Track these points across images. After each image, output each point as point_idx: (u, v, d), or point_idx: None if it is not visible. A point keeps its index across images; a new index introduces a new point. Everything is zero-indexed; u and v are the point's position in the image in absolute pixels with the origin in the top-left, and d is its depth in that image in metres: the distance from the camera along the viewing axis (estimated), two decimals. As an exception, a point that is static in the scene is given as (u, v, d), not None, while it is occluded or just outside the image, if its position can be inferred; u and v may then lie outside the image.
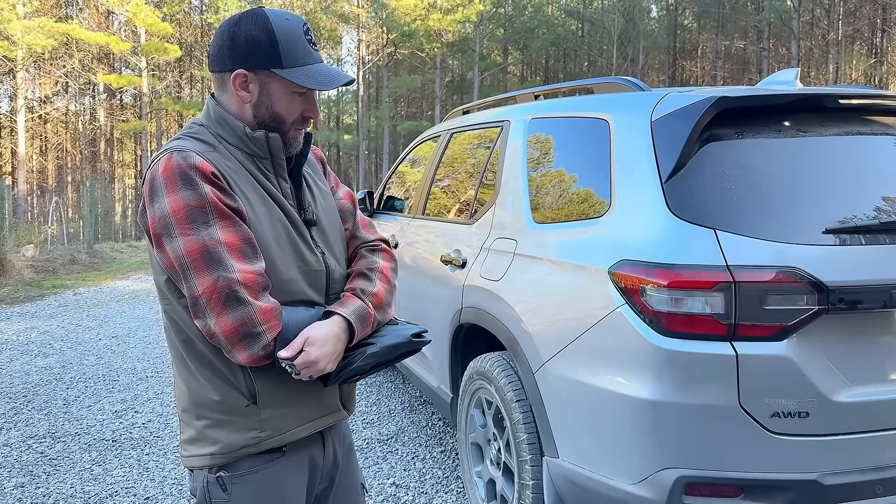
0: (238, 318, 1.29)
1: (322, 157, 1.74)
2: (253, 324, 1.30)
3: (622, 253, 2.14)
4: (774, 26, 31.49)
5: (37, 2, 27.04)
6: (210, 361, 1.40)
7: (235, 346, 1.31)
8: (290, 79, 1.41)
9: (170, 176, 1.31)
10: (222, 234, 1.30)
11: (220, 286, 1.28)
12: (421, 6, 31.97)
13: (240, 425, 1.40)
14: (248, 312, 1.30)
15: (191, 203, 1.30)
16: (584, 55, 41.39)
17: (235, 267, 1.30)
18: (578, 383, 2.25)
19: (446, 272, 3.32)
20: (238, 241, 1.32)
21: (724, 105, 2.14)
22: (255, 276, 1.32)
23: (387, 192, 5.08)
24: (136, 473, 3.69)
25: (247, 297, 1.30)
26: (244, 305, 1.29)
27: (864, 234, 2.05)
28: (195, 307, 1.32)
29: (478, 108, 4.17)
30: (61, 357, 6.29)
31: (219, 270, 1.29)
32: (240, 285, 1.29)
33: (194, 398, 1.43)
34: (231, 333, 1.30)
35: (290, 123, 1.47)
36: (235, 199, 1.36)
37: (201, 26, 36.74)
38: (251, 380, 1.40)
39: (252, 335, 1.30)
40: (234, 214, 1.34)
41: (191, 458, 1.44)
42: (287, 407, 1.44)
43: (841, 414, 1.96)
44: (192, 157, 1.33)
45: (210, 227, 1.30)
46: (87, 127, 35.89)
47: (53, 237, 17.51)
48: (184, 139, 1.42)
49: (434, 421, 4.41)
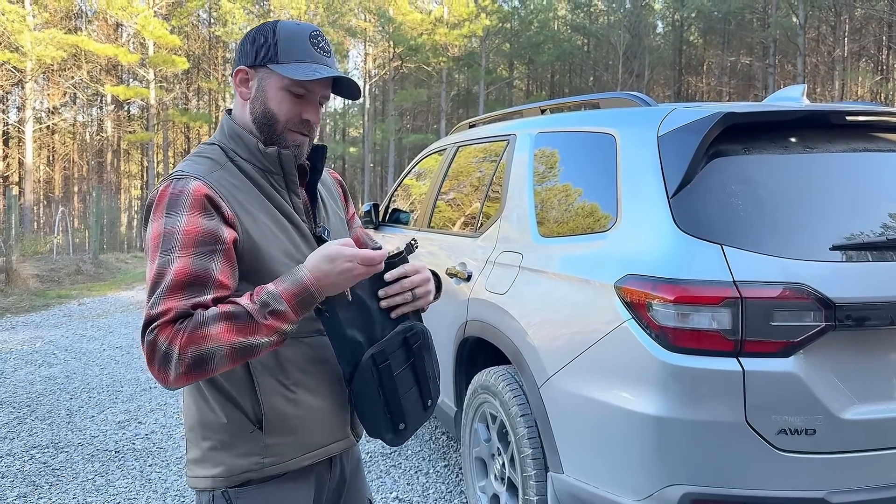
0: (147, 348, 1.23)
1: (344, 184, 1.75)
2: (155, 345, 1.22)
3: (628, 267, 2.13)
4: (780, 43, 31.55)
5: (47, 14, 27.27)
6: (220, 383, 1.39)
7: (162, 376, 1.23)
8: (280, 72, 1.40)
9: (160, 204, 1.32)
10: (176, 265, 1.26)
11: (145, 318, 1.25)
12: (427, 21, 32.20)
13: (244, 450, 1.39)
14: (150, 340, 1.22)
15: (163, 232, 1.29)
16: (589, 70, 41.55)
17: (162, 301, 1.24)
18: (584, 398, 2.24)
19: (451, 285, 3.31)
20: (186, 273, 1.26)
21: (731, 121, 2.14)
22: (174, 312, 1.23)
23: (392, 204, 5.09)
24: (139, 485, 3.67)
25: (152, 327, 1.23)
26: (150, 335, 1.23)
27: (871, 251, 2.04)
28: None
29: (484, 121, 4.18)
30: (65, 367, 6.29)
31: (149, 300, 1.26)
32: (154, 318, 1.23)
33: (202, 418, 1.42)
34: (149, 365, 1.24)
35: (284, 124, 1.44)
36: (224, 225, 1.32)
37: (209, 39, 37.01)
38: (259, 405, 1.39)
39: (162, 357, 1.22)
40: (204, 245, 1.29)
41: (195, 479, 1.44)
42: (293, 434, 1.43)
43: (848, 431, 1.95)
44: (189, 184, 1.32)
45: (169, 255, 1.27)
46: (95, 138, 36.06)
47: (59, 247, 17.55)
48: (192, 160, 1.42)
49: (438, 435, 4.40)
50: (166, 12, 30.48)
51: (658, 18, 38.55)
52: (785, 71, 33.83)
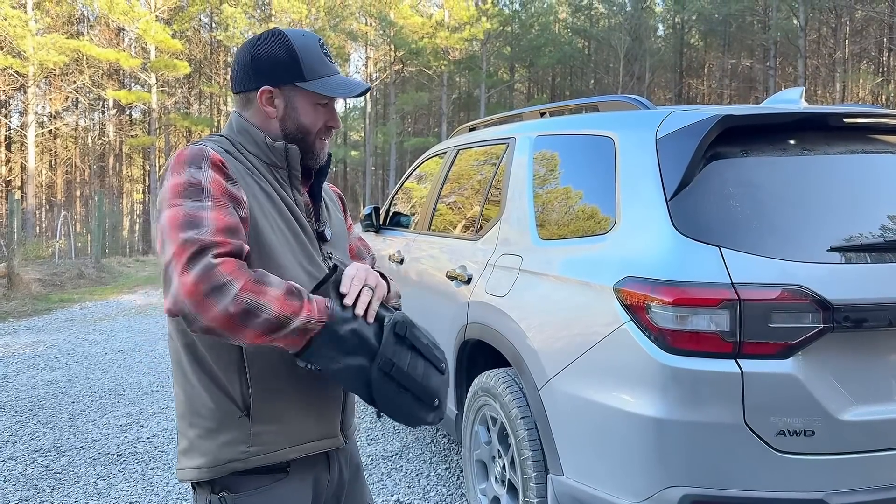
0: (200, 271, 1.19)
1: (343, 199, 1.80)
2: (215, 275, 1.19)
3: (627, 270, 2.14)
4: (781, 45, 31.57)
5: (49, 19, 27.38)
6: (209, 367, 1.40)
7: (203, 306, 1.18)
8: (314, 90, 1.46)
9: (180, 161, 1.34)
10: (211, 213, 1.27)
11: (188, 244, 1.21)
12: (428, 24, 32.25)
13: (229, 438, 1.39)
14: (210, 263, 1.20)
15: (188, 181, 1.30)
16: (590, 73, 41.57)
17: (211, 230, 1.24)
18: (583, 400, 2.25)
19: (452, 288, 3.32)
20: (225, 221, 1.27)
21: (728, 123, 2.15)
22: (233, 247, 1.24)
23: (393, 207, 5.10)
24: (141, 488, 3.68)
25: (212, 253, 1.21)
26: (206, 257, 1.20)
27: (869, 253, 2.05)
28: (165, 280, 1.24)
29: (484, 125, 4.19)
30: (67, 371, 6.30)
31: (190, 231, 1.23)
32: (213, 244, 1.22)
33: (190, 405, 1.42)
34: (194, 290, 1.18)
35: (315, 134, 1.51)
36: (240, 189, 1.36)
37: (210, 43, 37.08)
38: (248, 389, 1.39)
39: (217, 287, 1.18)
40: (230, 203, 1.31)
41: (183, 471, 1.44)
42: (280, 424, 1.42)
43: (847, 433, 1.95)
44: (206, 148, 1.37)
45: (201, 202, 1.28)
46: (97, 142, 36.18)
47: (61, 251, 17.58)
48: (203, 141, 1.46)
49: (439, 438, 4.40)
50: (168, 17, 30.54)
51: (659, 21, 38.55)
52: (786, 73, 33.85)
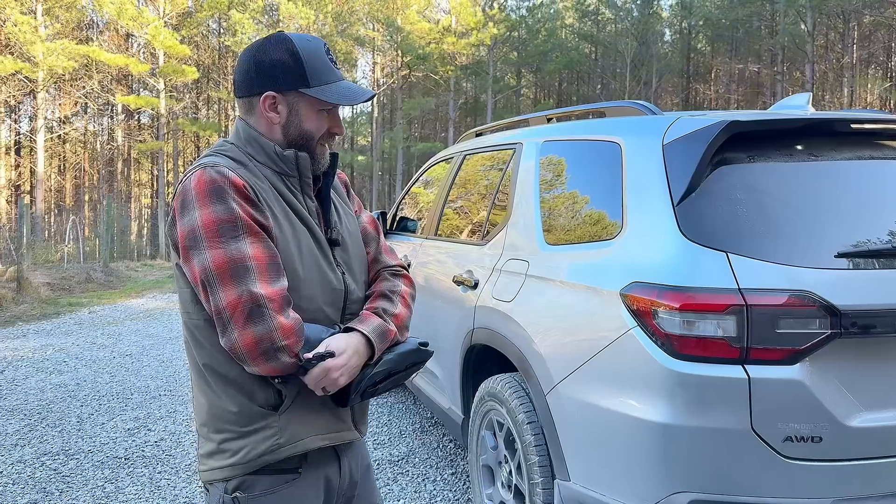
0: (260, 332, 1.31)
1: (346, 181, 1.78)
2: (273, 339, 1.32)
3: (634, 275, 2.14)
4: (789, 50, 31.50)
5: (58, 24, 27.53)
6: (229, 375, 1.41)
7: (256, 360, 1.32)
8: (319, 97, 1.46)
9: (202, 190, 1.34)
10: (251, 249, 1.33)
11: (245, 300, 1.30)
12: (435, 30, 32.33)
13: (258, 434, 1.41)
14: (269, 327, 1.31)
15: (222, 217, 1.33)
16: (597, 78, 41.55)
17: (261, 282, 1.32)
18: (590, 405, 2.24)
19: (458, 293, 3.33)
20: (265, 258, 1.35)
21: (735, 129, 2.15)
22: (279, 293, 1.34)
23: (400, 212, 5.11)
24: (148, 492, 3.69)
25: (270, 313, 1.32)
26: (266, 320, 1.31)
27: (877, 259, 2.04)
28: (219, 320, 1.34)
29: (491, 130, 4.20)
30: (76, 374, 6.33)
31: (244, 284, 1.31)
32: (264, 300, 1.31)
33: (213, 412, 1.44)
34: (252, 347, 1.31)
35: (318, 140, 1.52)
36: (265, 215, 1.39)
37: (219, 49, 37.24)
38: (272, 387, 1.42)
39: (273, 350, 1.32)
40: (262, 231, 1.37)
41: (209, 472, 1.45)
42: (305, 414, 1.45)
43: (855, 439, 1.94)
44: (225, 171, 1.36)
45: (239, 242, 1.33)
46: (105, 147, 36.31)
47: (70, 256, 17.66)
48: (215, 155, 1.45)
49: (445, 442, 4.40)
50: (176, 23, 30.71)
51: (666, 26, 38.52)
52: (793, 78, 33.75)
